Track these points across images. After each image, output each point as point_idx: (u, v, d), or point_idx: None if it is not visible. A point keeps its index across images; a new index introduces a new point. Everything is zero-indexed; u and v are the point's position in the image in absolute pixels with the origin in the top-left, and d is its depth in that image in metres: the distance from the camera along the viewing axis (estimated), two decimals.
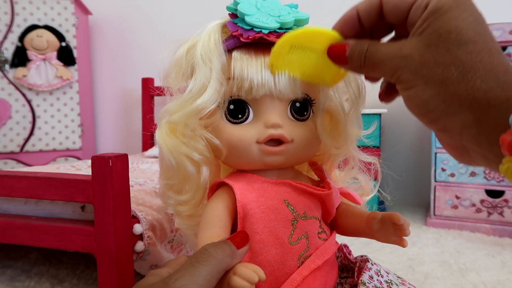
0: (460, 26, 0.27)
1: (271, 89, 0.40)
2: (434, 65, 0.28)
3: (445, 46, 0.28)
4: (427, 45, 0.28)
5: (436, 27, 0.28)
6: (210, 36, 0.43)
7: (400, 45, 0.30)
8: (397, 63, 0.30)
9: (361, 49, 0.32)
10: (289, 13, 0.41)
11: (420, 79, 0.29)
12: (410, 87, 0.29)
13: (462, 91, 0.27)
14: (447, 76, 0.27)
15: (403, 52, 0.30)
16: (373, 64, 0.32)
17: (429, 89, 0.28)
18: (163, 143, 0.44)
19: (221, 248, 0.35)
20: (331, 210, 0.47)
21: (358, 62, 0.33)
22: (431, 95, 0.28)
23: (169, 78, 0.46)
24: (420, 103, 0.29)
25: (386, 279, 0.46)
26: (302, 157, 0.45)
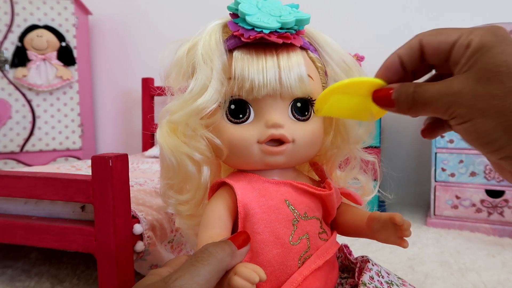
0: (508, 60, 0.28)
1: (272, 89, 0.40)
2: (490, 97, 0.28)
3: (497, 79, 0.28)
4: (477, 80, 0.29)
5: (484, 62, 0.29)
6: (211, 35, 0.43)
7: (448, 83, 0.31)
8: (448, 99, 0.30)
9: (407, 91, 0.33)
10: (290, 13, 0.41)
11: (477, 112, 0.29)
12: (467, 121, 0.30)
13: None
14: (505, 107, 0.28)
15: (453, 89, 0.30)
16: (423, 104, 0.32)
17: (488, 121, 0.29)
18: (164, 143, 0.44)
19: (221, 247, 0.35)
20: (332, 211, 0.47)
21: (405, 104, 0.33)
22: (491, 127, 0.29)
23: (170, 77, 0.46)
24: (480, 135, 0.30)
25: (387, 279, 0.46)
26: (303, 157, 0.45)
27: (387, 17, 1.69)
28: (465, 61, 0.30)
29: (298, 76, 0.41)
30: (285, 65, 0.41)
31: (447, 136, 1.33)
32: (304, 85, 0.41)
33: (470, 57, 0.29)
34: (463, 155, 1.31)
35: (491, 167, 1.29)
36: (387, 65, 0.35)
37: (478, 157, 1.29)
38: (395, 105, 0.34)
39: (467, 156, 1.30)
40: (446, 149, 1.33)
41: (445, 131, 0.38)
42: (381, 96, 0.35)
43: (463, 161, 1.31)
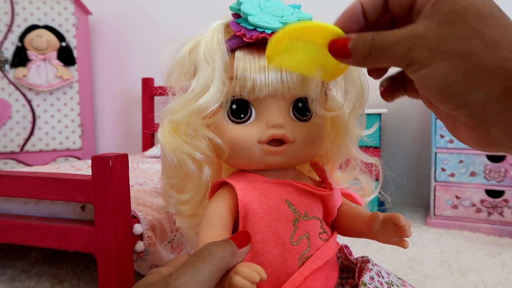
0: (475, 2, 0.27)
1: (273, 89, 0.40)
2: (454, 39, 0.26)
3: (463, 21, 0.26)
4: (443, 23, 0.27)
5: (450, 5, 0.27)
6: (213, 35, 0.43)
7: (409, 28, 0.29)
8: (408, 44, 0.28)
9: (365, 40, 0.31)
10: (292, 13, 0.41)
11: (437, 54, 0.27)
12: (425, 66, 0.28)
13: (487, 61, 0.25)
14: (469, 48, 0.26)
15: (415, 33, 0.28)
16: (380, 51, 0.30)
17: (448, 63, 0.27)
18: (165, 142, 0.44)
19: (222, 247, 0.35)
20: (332, 211, 0.47)
21: (362, 53, 0.31)
22: (449, 69, 0.27)
23: (172, 77, 0.46)
24: (437, 80, 0.27)
25: (387, 280, 0.46)
26: (304, 157, 0.45)
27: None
28: (430, 6, 0.28)
29: (299, 77, 0.41)
30: None
31: (447, 136, 1.33)
32: (305, 85, 0.41)
33: (436, 2, 0.28)
34: (463, 155, 1.31)
35: (491, 167, 1.29)
36: (348, 13, 0.33)
37: (478, 157, 1.29)
38: (351, 55, 0.32)
39: (467, 156, 1.30)
40: (446, 149, 1.33)
41: (404, 92, 0.37)
42: (338, 46, 0.33)
43: (463, 161, 1.31)
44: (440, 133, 1.34)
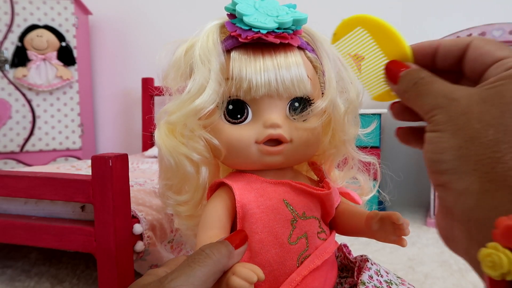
0: None
1: (270, 89, 0.40)
2: (475, 119, 0.25)
3: (501, 108, 0.25)
4: (483, 100, 0.26)
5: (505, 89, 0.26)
6: (208, 36, 0.43)
7: (456, 87, 0.28)
8: (440, 101, 0.28)
9: (415, 76, 0.30)
10: (287, 13, 0.41)
11: (452, 126, 0.26)
12: (437, 130, 0.27)
13: (485, 156, 0.25)
14: (480, 134, 0.25)
15: (453, 95, 0.27)
16: (418, 94, 0.29)
17: (454, 140, 0.26)
18: (162, 144, 0.44)
19: (218, 248, 0.35)
20: (331, 210, 0.47)
21: (406, 86, 0.31)
22: (452, 146, 0.26)
23: (168, 78, 0.46)
24: (437, 149, 0.27)
25: (386, 279, 0.46)
26: (301, 157, 0.45)
27: (386, 16, 1.69)
28: (494, 80, 0.27)
29: (296, 76, 0.41)
30: (282, 65, 0.41)
31: None
32: (302, 85, 0.41)
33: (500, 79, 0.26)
34: None
35: None
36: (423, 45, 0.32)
37: None
38: (398, 82, 0.32)
39: None
40: None
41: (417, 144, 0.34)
42: (394, 67, 0.32)
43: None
44: None
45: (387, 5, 1.69)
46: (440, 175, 0.27)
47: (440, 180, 0.27)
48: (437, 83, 0.29)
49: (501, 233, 0.22)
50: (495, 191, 0.24)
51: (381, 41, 0.34)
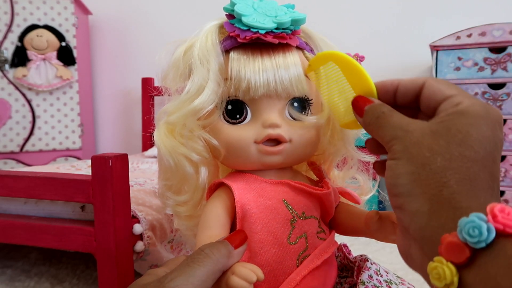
0: (471, 133, 0.28)
1: (268, 89, 0.40)
2: (426, 149, 0.29)
3: (447, 139, 0.29)
4: (433, 132, 0.30)
5: (452, 123, 0.29)
6: (207, 36, 0.43)
7: (412, 121, 0.32)
8: (398, 133, 0.31)
9: (378, 110, 0.34)
10: (286, 13, 0.41)
11: (407, 154, 0.30)
12: (395, 158, 0.31)
13: (433, 180, 0.28)
14: (430, 162, 0.28)
15: (410, 127, 0.31)
16: (380, 126, 0.33)
17: (408, 166, 0.29)
18: (162, 144, 0.44)
19: (217, 248, 0.36)
20: (330, 210, 0.47)
21: (369, 119, 0.34)
22: (406, 171, 0.29)
23: (167, 79, 0.46)
24: (394, 175, 0.30)
25: (386, 278, 0.46)
26: (301, 157, 0.45)
27: (385, 16, 1.69)
28: (443, 115, 0.30)
29: (295, 76, 0.41)
30: (281, 65, 0.41)
31: None
32: (300, 85, 0.42)
33: (449, 115, 0.30)
34: None
35: None
36: (385, 83, 0.36)
37: None
38: (363, 115, 0.35)
39: None
40: None
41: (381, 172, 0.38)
42: (360, 102, 0.36)
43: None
44: None
45: (387, 5, 1.69)
46: (397, 198, 0.30)
47: (397, 202, 0.30)
48: (395, 117, 0.33)
49: (445, 248, 0.25)
50: (441, 211, 0.27)
51: (350, 76, 0.38)
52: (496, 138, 0.29)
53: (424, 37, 1.58)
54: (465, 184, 0.27)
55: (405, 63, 1.68)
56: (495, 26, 1.28)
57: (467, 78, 1.33)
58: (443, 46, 1.34)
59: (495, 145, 0.29)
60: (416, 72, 1.67)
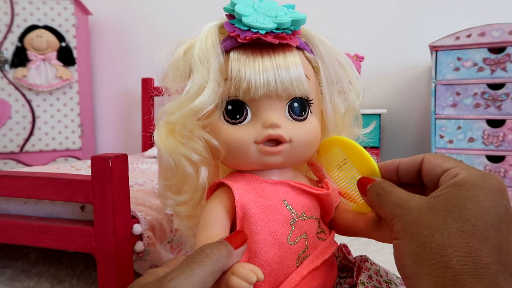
0: (468, 206, 0.28)
1: (269, 89, 0.40)
2: (424, 226, 0.29)
3: (444, 215, 0.28)
4: (430, 208, 0.30)
5: (448, 197, 0.29)
6: (207, 37, 0.43)
7: (411, 197, 0.32)
8: (397, 211, 0.32)
9: (378, 188, 0.35)
10: (286, 14, 0.41)
11: (407, 234, 0.30)
12: (397, 238, 0.31)
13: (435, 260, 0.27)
14: (429, 240, 0.28)
15: (408, 205, 0.31)
16: (381, 203, 0.34)
17: (411, 246, 0.29)
18: (162, 144, 0.44)
19: (217, 248, 0.36)
20: (330, 210, 0.47)
21: (371, 196, 0.35)
22: (409, 252, 0.29)
23: (167, 79, 0.46)
24: (399, 256, 0.30)
25: (385, 279, 0.46)
26: (301, 157, 0.45)
27: (385, 16, 1.69)
28: (442, 188, 0.31)
29: (295, 77, 0.41)
30: (281, 66, 0.41)
31: (447, 137, 1.33)
32: (301, 85, 0.42)
33: (446, 187, 0.30)
34: (462, 155, 1.31)
35: (490, 167, 1.29)
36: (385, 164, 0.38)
37: (478, 158, 1.29)
38: (367, 194, 0.36)
39: (466, 156, 1.30)
40: (446, 150, 1.33)
41: None
42: (363, 182, 0.38)
43: (462, 161, 1.31)
44: (439, 133, 1.35)
45: (386, 5, 1.69)
46: (407, 279, 0.30)
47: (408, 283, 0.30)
48: (394, 193, 0.33)
49: None
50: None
51: (355, 159, 0.41)
52: (498, 207, 0.28)
53: (423, 37, 1.58)
54: (466, 263, 0.26)
55: (405, 63, 1.68)
56: (494, 26, 1.28)
57: (466, 78, 1.33)
58: (443, 46, 1.34)
59: (497, 215, 0.28)
60: (416, 72, 1.67)
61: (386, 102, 1.66)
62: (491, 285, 0.25)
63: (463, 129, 1.33)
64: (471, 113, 1.33)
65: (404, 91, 1.68)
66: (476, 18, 1.46)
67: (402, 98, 1.69)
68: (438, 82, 1.36)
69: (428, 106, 1.60)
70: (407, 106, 1.68)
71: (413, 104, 1.68)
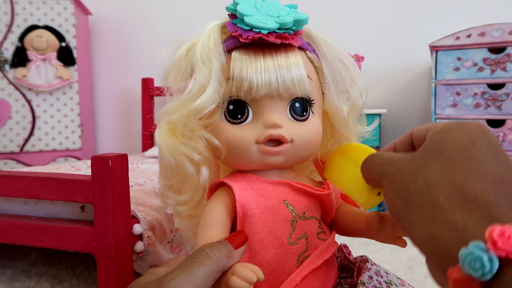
0: (446, 145, 0.29)
1: (270, 89, 0.40)
2: (407, 172, 0.29)
3: (425, 158, 0.29)
4: (413, 156, 0.30)
5: (428, 143, 0.30)
6: (209, 36, 0.43)
7: (396, 155, 0.33)
8: (383, 168, 0.33)
9: (372, 155, 0.37)
10: (289, 14, 0.41)
11: (393, 184, 0.30)
12: (386, 193, 0.31)
13: (422, 201, 0.27)
14: (413, 183, 0.28)
15: (392, 160, 0.32)
16: (372, 165, 0.35)
17: (398, 194, 0.30)
18: (163, 143, 0.44)
19: (217, 248, 0.36)
20: (331, 211, 0.47)
21: (366, 164, 0.37)
22: (398, 199, 0.29)
23: (169, 78, 0.46)
24: (391, 208, 0.31)
25: (386, 279, 0.46)
26: (302, 157, 0.45)
27: (385, 17, 1.69)
28: (424, 142, 0.31)
29: (297, 77, 0.41)
30: (283, 66, 0.41)
31: None
32: (302, 85, 0.41)
33: (429, 138, 0.31)
34: None
35: None
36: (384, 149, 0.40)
37: None
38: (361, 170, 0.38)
39: None
40: None
41: None
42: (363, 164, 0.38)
43: None
44: None
45: (386, 5, 1.69)
46: (402, 227, 0.30)
47: (404, 231, 0.30)
48: (380, 156, 0.35)
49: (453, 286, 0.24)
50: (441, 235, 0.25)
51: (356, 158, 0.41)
52: (479, 143, 0.28)
53: (423, 37, 1.58)
54: (453, 197, 0.26)
55: (405, 63, 1.68)
56: (494, 26, 1.28)
57: (466, 78, 1.34)
58: (443, 46, 1.34)
59: (478, 149, 0.28)
60: (416, 72, 1.67)
61: (386, 102, 1.66)
62: (483, 217, 0.24)
63: None
64: (471, 113, 1.34)
65: (404, 91, 1.69)
66: (476, 18, 1.46)
67: (402, 98, 1.69)
68: (438, 82, 1.36)
69: (428, 106, 1.60)
70: (407, 106, 1.68)
71: (413, 104, 1.68)
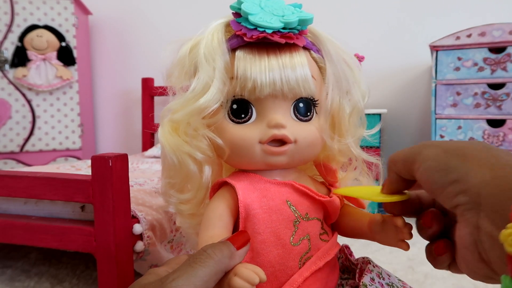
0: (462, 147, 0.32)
1: (274, 89, 0.40)
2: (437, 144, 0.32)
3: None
4: None
5: None
6: (213, 35, 0.42)
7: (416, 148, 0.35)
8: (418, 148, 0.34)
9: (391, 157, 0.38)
10: (293, 13, 0.41)
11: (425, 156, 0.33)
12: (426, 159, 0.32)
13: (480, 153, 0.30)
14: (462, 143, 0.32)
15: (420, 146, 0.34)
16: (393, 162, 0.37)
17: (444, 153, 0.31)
18: (166, 142, 0.43)
19: (219, 249, 0.35)
20: (333, 215, 0.47)
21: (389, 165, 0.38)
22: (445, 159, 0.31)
23: (172, 76, 0.46)
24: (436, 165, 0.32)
25: (388, 281, 0.45)
26: (305, 157, 0.45)
27: (385, 16, 1.69)
28: None
29: (301, 77, 0.41)
30: (288, 65, 0.40)
31: (447, 137, 1.33)
32: (307, 85, 0.41)
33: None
34: None
35: None
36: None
37: None
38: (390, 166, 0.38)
39: None
40: None
41: None
42: None
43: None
44: (440, 133, 1.34)
45: (387, 5, 1.69)
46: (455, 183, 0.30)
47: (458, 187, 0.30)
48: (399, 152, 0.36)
49: None
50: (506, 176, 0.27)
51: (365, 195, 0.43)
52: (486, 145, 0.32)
53: (424, 37, 1.58)
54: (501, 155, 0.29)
55: (405, 63, 1.68)
56: (494, 26, 1.28)
57: (466, 78, 1.33)
58: (443, 46, 1.34)
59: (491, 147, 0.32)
60: (416, 72, 1.67)
61: (386, 102, 1.66)
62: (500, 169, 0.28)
63: (464, 129, 1.33)
64: (472, 113, 1.33)
65: (404, 91, 1.68)
66: (476, 18, 1.46)
67: (402, 98, 1.68)
68: (438, 82, 1.36)
69: (428, 106, 1.60)
70: (407, 106, 1.68)
71: (413, 104, 1.68)
